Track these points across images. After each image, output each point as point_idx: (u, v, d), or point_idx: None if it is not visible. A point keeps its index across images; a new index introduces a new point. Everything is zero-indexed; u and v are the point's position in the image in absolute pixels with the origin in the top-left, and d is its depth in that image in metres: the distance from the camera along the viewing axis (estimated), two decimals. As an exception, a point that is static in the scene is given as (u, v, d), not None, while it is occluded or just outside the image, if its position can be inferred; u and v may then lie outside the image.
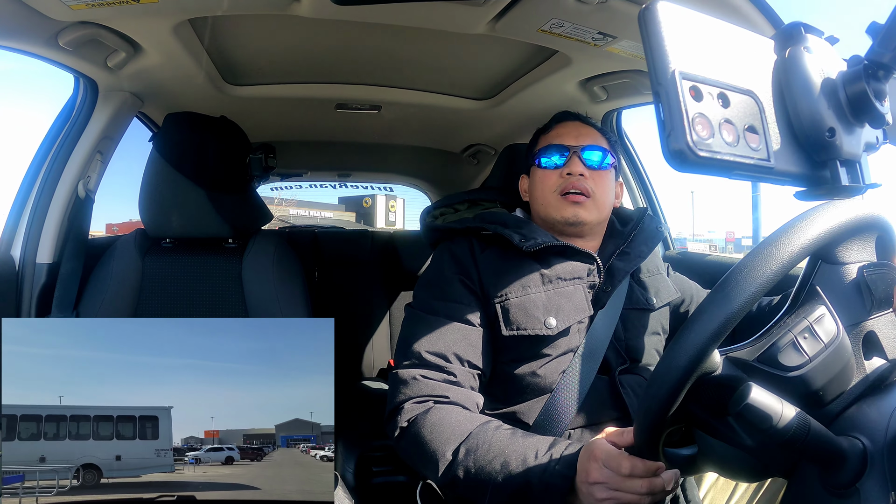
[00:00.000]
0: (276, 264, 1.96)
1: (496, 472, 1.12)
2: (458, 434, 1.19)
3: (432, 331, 1.34)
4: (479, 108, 2.55)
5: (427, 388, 1.28)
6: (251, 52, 2.05)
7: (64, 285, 1.84)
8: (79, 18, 1.57)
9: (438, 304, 1.38)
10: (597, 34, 1.66)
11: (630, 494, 0.96)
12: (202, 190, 1.87)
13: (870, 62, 0.62)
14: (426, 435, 1.22)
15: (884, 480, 0.70)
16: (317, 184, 4.26)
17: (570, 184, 1.44)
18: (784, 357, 0.77)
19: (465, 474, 1.15)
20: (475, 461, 1.14)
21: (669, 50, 0.57)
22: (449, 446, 1.18)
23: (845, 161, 0.63)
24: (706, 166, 0.56)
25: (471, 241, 1.45)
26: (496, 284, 1.38)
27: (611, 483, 0.97)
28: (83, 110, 1.96)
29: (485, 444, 1.15)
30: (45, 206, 1.88)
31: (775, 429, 0.68)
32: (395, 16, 1.66)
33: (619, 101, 2.28)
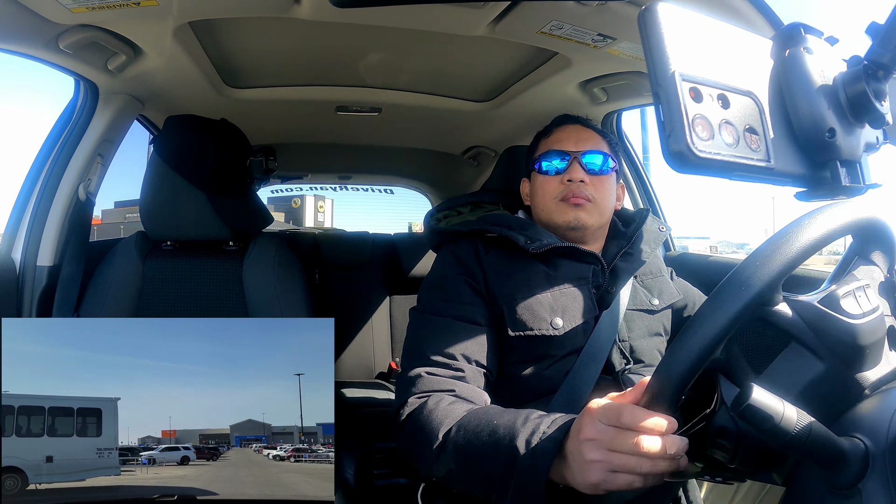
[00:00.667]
0: (276, 267, 1.96)
1: (484, 444, 1.03)
2: (453, 417, 1.14)
3: (439, 331, 1.33)
4: (479, 110, 2.55)
5: (433, 384, 1.25)
6: (251, 54, 2.05)
7: (65, 288, 1.84)
8: (79, 21, 1.57)
9: (444, 305, 1.37)
10: (596, 36, 1.66)
11: (626, 456, 0.81)
12: (203, 192, 1.87)
13: (869, 62, 0.62)
14: (423, 422, 1.17)
15: (885, 481, 0.70)
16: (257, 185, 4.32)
17: (571, 191, 1.43)
18: (846, 304, 0.79)
19: (455, 455, 1.08)
20: (465, 436, 1.08)
21: (669, 51, 0.57)
22: (443, 428, 1.12)
23: (845, 161, 0.63)
24: (706, 167, 0.56)
25: (475, 242, 1.45)
26: (502, 285, 1.37)
27: (604, 439, 0.83)
28: (84, 113, 1.96)
29: (475, 419, 1.10)
30: (46, 208, 1.88)
31: (777, 429, 0.68)
32: (394, 18, 1.67)
33: (619, 103, 2.28)
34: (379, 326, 3.04)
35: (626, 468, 0.81)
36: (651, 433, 0.79)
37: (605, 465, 0.82)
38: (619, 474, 0.82)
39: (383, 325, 3.07)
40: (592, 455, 0.83)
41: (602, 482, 0.84)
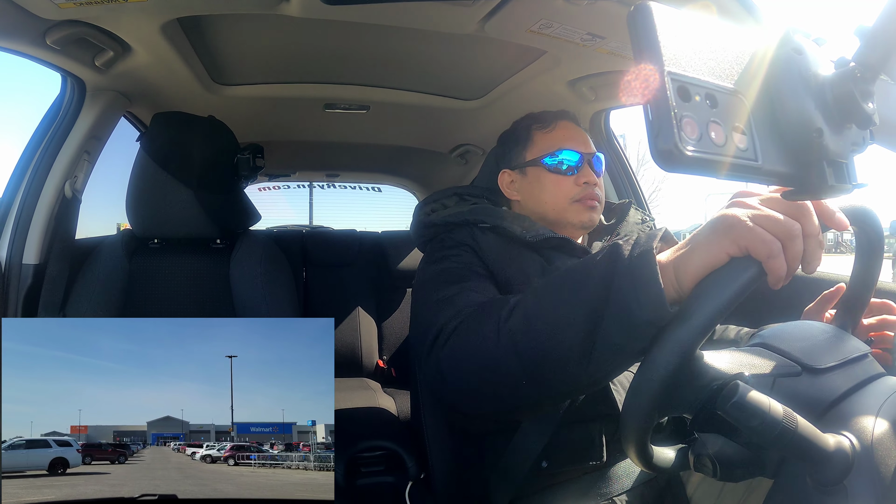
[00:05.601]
0: (263, 265, 1.96)
1: (572, 271, 0.93)
2: (503, 303, 1.04)
3: (446, 283, 1.28)
4: (467, 109, 2.55)
5: (459, 303, 1.18)
6: (240, 51, 2.05)
7: (51, 287, 1.83)
8: (67, 17, 1.56)
9: (448, 266, 1.34)
10: (585, 35, 1.67)
11: (773, 218, 0.72)
12: (190, 190, 1.86)
13: (857, 64, 0.62)
14: (473, 320, 1.09)
15: (870, 478, 0.70)
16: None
17: (588, 194, 1.46)
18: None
19: (534, 298, 0.97)
20: (538, 299, 0.97)
21: (658, 50, 0.58)
22: (507, 302, 1.02)
23: (832, 161, 0.63)
24: (694, 166, 0.57)
25: (471, 230, 1.44)
26: (498, 271, 1.36)
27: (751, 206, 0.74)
28: (70, 110, 1.94)
29: (536, 289, 0.99)
30: (32, 206, 1.86)
31: (764, 426, 0.69)
32: (384, 16, 1.66)
33: (607, 102, 2.30)
34: (366, 324, 3.04)
35: (773, 228, 0.71)
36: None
37: (750, 219, 0.73)
38: (760, 236, 0.71)
39: (370, 323, 3.07)
40: (735, 210, 0.75)
41: (740, 237, 0.72)
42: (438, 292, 1.26)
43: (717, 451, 0.80)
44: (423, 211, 1.57)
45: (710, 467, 0.82)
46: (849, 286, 0.97)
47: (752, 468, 0.82)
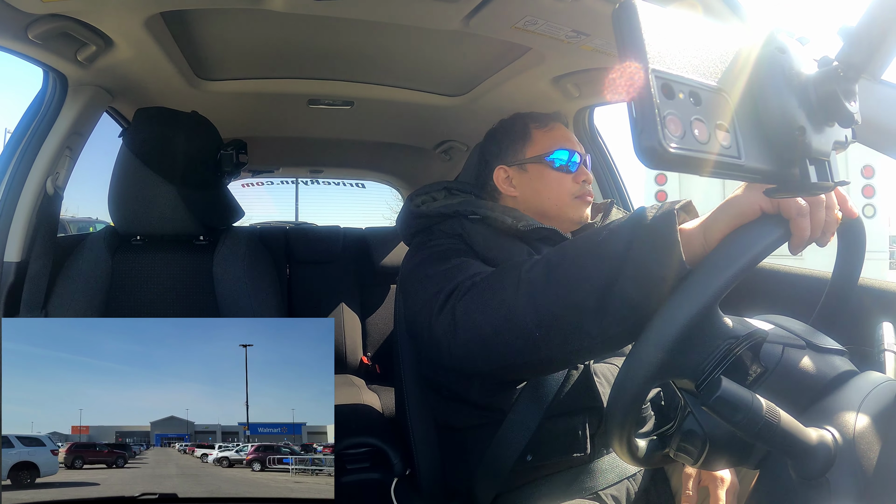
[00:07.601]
0: (246, 261, 1.96)
1: (586, 252, 0.95)
2: (526, 260, 1.07)
3: (445, 258, 1.32)
4: (452, 105, 2.55)
5: (469, 269, 1.23)
6: (223, 46, 2.03)
7: (32, 284, 1.80)
8: (49, 11, 1.54)
9: (442, 249, 1.38)
10: (570, 31, 1.67)
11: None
12: (172, 186, 1.85)
13: (840, 63, 0.63)
14: (494, 275, 1.12)
15: (852, 472, 0.71)
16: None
17: (586, 191, 1.54)
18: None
19: (556, 257, 1.01)
20: (561, 253, 1.01)
21: (642, 48, 0.58)
22: (527, 262, 1.05)
23: (814, 159, 0.64)
24: (677, 164, 0.57)
25: (460, 221, 1.46)
26: (487, 260, 1.37)
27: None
28: (52, 105, 1.91)
29: (561, 245, 1.04)
30: (13, 203, 1.84)
31: (746, 420, 0.69)
32: (369, 11, 1.66)
33: (591, 99, 2.30)
34: (350, 320, 3.03)
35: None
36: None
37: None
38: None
39: (354, 319, 3.06)
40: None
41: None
42: (440, 265, 1.30)
43: (709, 430, 0.81)
44: (414, 202, 1.58)
45: (694, 450, 0.83)
46: (830, 284, 0.98)
47: (736, 457, 0.83)
